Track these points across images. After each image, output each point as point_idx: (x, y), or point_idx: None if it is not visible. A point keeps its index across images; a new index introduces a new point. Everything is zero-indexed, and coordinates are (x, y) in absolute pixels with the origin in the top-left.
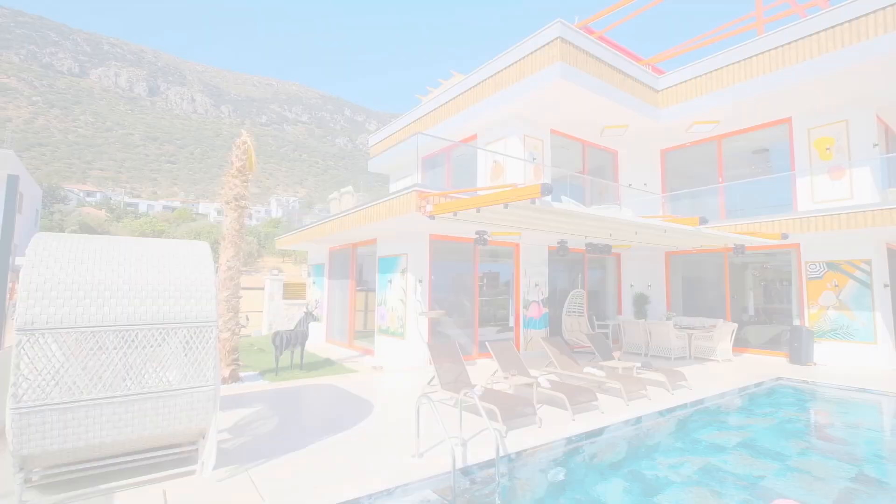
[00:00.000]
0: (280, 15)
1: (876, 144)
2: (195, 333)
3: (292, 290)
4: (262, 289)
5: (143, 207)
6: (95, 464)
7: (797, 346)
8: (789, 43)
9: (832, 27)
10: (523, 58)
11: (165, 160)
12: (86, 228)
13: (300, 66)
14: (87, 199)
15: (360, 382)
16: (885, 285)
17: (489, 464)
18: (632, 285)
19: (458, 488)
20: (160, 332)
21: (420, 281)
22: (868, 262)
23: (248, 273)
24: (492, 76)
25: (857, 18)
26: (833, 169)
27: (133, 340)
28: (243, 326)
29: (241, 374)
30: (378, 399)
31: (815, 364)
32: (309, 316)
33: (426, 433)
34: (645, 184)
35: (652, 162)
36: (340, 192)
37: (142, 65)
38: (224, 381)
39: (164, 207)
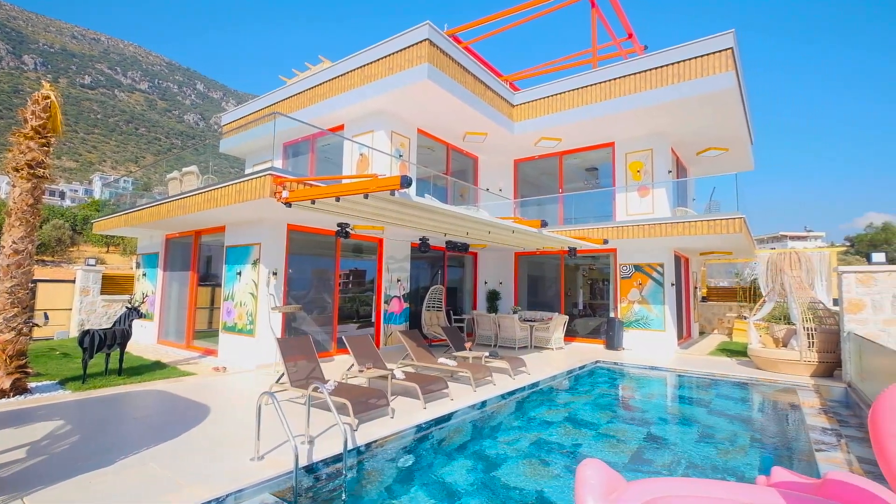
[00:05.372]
0: None
1: (670, 171)
2: None
3: (115, 284)
4: (73, 282)
5: None
6: None
7: (612, 335)
8: (614, 79)
9: (643, 72)
10: (392, 54)
11: None
12: None
13: (140, 25)
14: None
15: (198, 386)
16: (672, 284)
17: (336, 458)
18: (486, 282)
19: (301, 487)
20: None
21: (274, 273)
22: (662, 266)
23: (55, 263)
24: (361, 67)
25: (661, 67)
26: (641, 188)
27: None
28: (37, 325)
29: (31, 385)
30: (217, 402)
31: (624, 349)
32: (132, 312)
33: (271, 434)
34: (500, 189)
35: (507, 170)
36: (182, 172)
37: None
38: (3, 393)
39: None
